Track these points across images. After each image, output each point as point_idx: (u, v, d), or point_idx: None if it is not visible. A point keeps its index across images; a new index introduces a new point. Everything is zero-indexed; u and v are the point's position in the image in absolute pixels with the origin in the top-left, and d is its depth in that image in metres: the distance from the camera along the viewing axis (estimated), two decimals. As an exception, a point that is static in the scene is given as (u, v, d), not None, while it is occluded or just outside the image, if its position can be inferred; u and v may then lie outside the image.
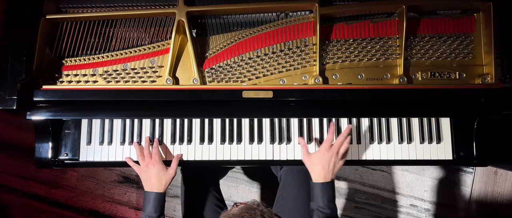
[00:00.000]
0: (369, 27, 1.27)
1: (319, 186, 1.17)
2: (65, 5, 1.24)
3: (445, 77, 1.27)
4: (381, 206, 2.02)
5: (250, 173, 2.02)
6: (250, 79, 1.25)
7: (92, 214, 2.01)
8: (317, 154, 1.20)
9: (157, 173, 1.19)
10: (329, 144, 1.20)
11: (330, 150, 1.18)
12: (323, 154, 1.18)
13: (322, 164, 1.17)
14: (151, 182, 1.19)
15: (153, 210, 1.18)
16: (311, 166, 1.20)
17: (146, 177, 1.21)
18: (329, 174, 1.17)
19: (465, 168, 2.02)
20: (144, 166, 1.21)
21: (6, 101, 1.11)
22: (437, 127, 1.32)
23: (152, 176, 1.19)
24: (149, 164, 1.20)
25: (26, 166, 2.02)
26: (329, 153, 1.18)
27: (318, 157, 1.19)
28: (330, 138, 1.21)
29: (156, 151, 1.22)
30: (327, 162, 1.17)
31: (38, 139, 1.25)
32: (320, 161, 1.18)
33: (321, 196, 1.16)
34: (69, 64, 1.24)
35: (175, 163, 1.23)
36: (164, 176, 1.20)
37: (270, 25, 1.26)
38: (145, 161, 1.22)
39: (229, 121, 1.30)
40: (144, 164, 1.21)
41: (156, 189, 1.19)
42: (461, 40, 1.27)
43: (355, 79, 1.26)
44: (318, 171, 1.18)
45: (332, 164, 1.18)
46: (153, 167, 1.20)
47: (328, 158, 1.17)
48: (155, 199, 1.18)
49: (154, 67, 1.25)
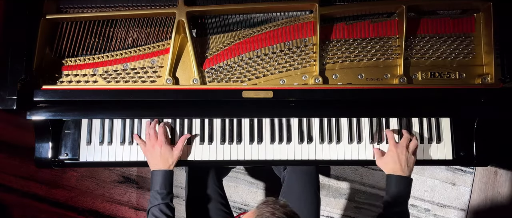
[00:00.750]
0: (369, 27, 1.27)
1: (393, 178, 1.20)
2: (65, 5, 1.24)
3: (445, 77, 1.27)
4: (381, 206, 2.01)
5: (250, 173, 2.02)
6: (250, 79, 1.25)
7: (92, 214, 2.00)
8: (387, 154, 1.24)
9: (163, 153, 1.21)
10: (393, 141, 1.24)
11: (398, 146, 1.22)
12: (393, 151, 1.22)
13: (393, 160, 1.21)
14: (156, 161, 1.21)
15: (163, 186, 1.19)
16: (385, 166, 1.24)
17: (151, 157, 1.23)
18: (404, 168, 1.20)
19: (465, 168, 2.02)
20: (150, 146, 1.22)
21: (6, 101, 1.11)
22: (437, 127, 1.32)
23: (157, 156, 1.21)
24: (155, 144, 1.22)
25: (26, 166, 2.02)
26: (398, 149, 1.21)
27: (389, 155, 1.23)
28: (391, 136, 1.25)
29: (162, 131, 1.23)
30: (398, 157, 1.20)
31: (38, 139, 1.25)
32: (392, 158, 1.21)
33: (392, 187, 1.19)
34: (69, 64, 1.24)
35: (180, 143, 1.24)
36: (170, 156, 1.21)
37: (270, 25, 1.26)
38: (151, 140, 1.23)
39: (229, 121, 1.30)
40: (150, 144, 1.23)
41: (161, 167, 1.20)
42: (461, 40, 1.27)
43: (355, 79, 1.26)
44: (392, 167, 1.21)
45: (404, 158, 1.20)
46: (159, 147, 1.21)
47: (399, 153, 1.20)
48: (164, 175, 1.19)
49: (154, 67, 1.25)
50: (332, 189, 2.02)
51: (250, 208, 2.01)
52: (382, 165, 1.25)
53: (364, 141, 1.31)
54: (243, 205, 2.01)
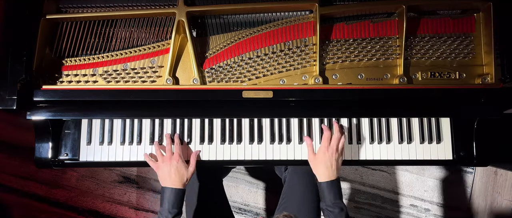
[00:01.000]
0: (369, 27, 1.27)
1: (325, 185, 1.19)
2: (65, 5, 1.24)
3: (445, 77, 1.27)
4: (381, 206, 2.02)
5: (250, 173, 2.02)
6: (250, 79, 1.25)
7: (92, 214, 2.01)
8: (319, 154, 1.22)
9: (179, 169, 1.19)
10: (327, 143, 1.22)
11: (330, 149, 1.21)
12: (324, 153, 1.21)
13: (325, 164, 1.20)
14: (171, 177, 1.19)
15: (175, 205, 1.17)
16: (316, 166, 1.22)
17: (165, 172, 1.20)
18: (334, 172, 1.20)
19: (465, 168, 2.02)
20: (167, 160, 1.20)
21: (6, 101, 1.11)
22: (437, 127, 1.32)
23: (172, 172, 1.19)
24: (172, 159, 1.20)
25: (26, 166, 2.02)
26: (329, 152, 1.20)
27: (320, 157, 1.21)
28: (327, 136, 1.23)
29: (178, 147, 1.23)
30: (329, 160, 1.20)
31: (38, 139, 1.25)
32: (323, 162, 1.20)
33: (327, 194, 1.18)
34: (69, 64, 1.24)
35: (193, 160, 1.24)
36: (185, 172, 1.20)
37: (270, 25, 1.26)
38: (167, 155, 1.22)
39: (229, 121, 1.30)
40: (164, 158, 1.21)
41: (176, 185, 1.18)
42: (461, 40, 1.27)
43: (355, 79, 1.26)
44: (322, 171, 1.20)
45: (334, 161, 1.20)
46: (176, 162, 1.19)
47: (330, 156, 1.20)
48: (177, 194, 1.17)
49: (154, 67, 1.25)
50: (332, 189, 2.02)
51: (250, 208, 2.01)
52: (313, 166, 1.23)
53: (364, 141, 1.31)
54: (243, 205, 2.01)
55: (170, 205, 1.16)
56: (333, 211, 1.17)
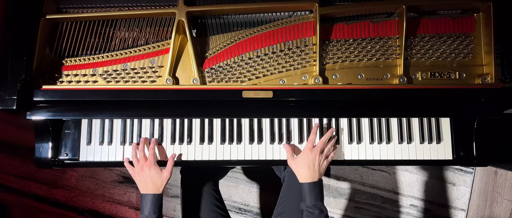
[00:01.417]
0: (369, 27, 1.27)
1: (306, 186, 1.18)
2: (65, 5, 1.24)
3: (445, 77, 1.27)
4: (381, 206, 2.02)
5: (250, 173, 2.02)
6: (250, 79, 1.25)
7: (92, 214, 2.01)
8: (301, 155, 1.22)
9: (152, 175, 1.18)
10: (311, 144, 1.22)
11: (313, 150, 1.21)
12: (307, 154, 1.20)
13: (307, 165, 1.19)
14: (146, 184, 1.19)
15: (152, 211, 1.17)
16: (297, 168, 1.22)
17: (140, 180, 1.20)
18: (315, 173, 1.19)
19: (465, 168, 2.02)
20: (139, 168, 1.20)
21: (6, 101, 1.11)
22: (437, 127, 1.32)
23: (146, 179, 1.19)
24: (144, 166, 1.19)
25: (26, 166, 2.02)
26: (313, 153, 1.20)
27: (302, 158, 1.21)
28: (312, 139, 1.23)
29: (152, 152, 1.21)
30: (312, 161, 1.19)
31: (38, 139, 1.25)
32: (304, 162, 1.20)
33: (309, 195, 1.18)
34: (69, 64, 1.24)
35: (170, 165, 1.23)
36: (159, 178, 1.19)
37: (270, 25, 1.26)
38: (140, 162, 1.21)
39: (229, 121, 1.30)
40: (138, 166, 1.20)
41: (152, 191, 1.18)
42: (461, 40, 1.27)
43: (355, 79, 1.26)
44: (304, 171, 1.20)
45: (317, 163, 1.19)
46: (148, 169, 1.19)
47: (312, 158, 1.19)
48: (152, 200, 1.17)
49: (154, 67, 1.25)
50: (332, 189, 2.02)
51: (250, 208, 2.01)
52: (295, 167, 1.22)
53: (364, 141, 1.31)
54: (243, 205, 2.01)
55: (148, 211, 1.17)
56: (313, 213, 1.16)
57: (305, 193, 1.19)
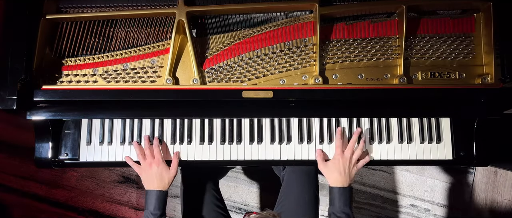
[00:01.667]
0: (369, 27, 1.27)
1: (336, 190, 1.20)
2: (65, 5, 1.24)
3: (445, 77, 1.27)
4: (381, 206, 2.02)
5: (250, 173, 2.02)
6: (250, 79, 1.25)
7: (92, 214, 2.01)
8: (332, 162, 1.24)
9: (160, 172, 1.20)
10: (341, 150, 1.24)
11: (343, 156, 1.22)
12: (338, 161, 1.22)
13: (338, 171, 1.21)
14: (153, 181, 1.20)
15: (157, 207, 1.18)
16: (329, 173, 1.23)
17: (147, 176, 1.21)
18: (346, 179, 1.20)
19: (465, 168, 2.02)
20: (147, 165, 1.21)
21: (6, 101, 1.11)
22: (437, 127, 1.32)
23: (154, 175, 1.20)
24: (152, 163, 1.21)
25: (26, 166, 2.02)
26: (343, 159, 1.22)
27: (334, 164, 1.23)
28: (339, 144, 1.24)
29: (158, 150, 1.23)
30: (343, 167, 1.21)
31: (38, 139, 1.25)
32: (336, 168, 1.21)
33: (338, 200, 1.19)
34: (69, 64, 1.24)
35: (175, 162, 1.24)
36: (167, 175, 1.21)
37: (270, 25, 1.26)
38: (147, 160, 1.22)
39: (229, 121, 1.30)
40: (146, 163, 1.22)
41: (158, 188, 1.20)
42: (461, 40, 1.27)
43: (355, 79, 1.26)
44: (335, 177, 1.21)
45: (347, 169, 1.21)
46: (156, 166, 1.20)
47: (343, 164, 1.21)
48: (158, 197, 1.19)
49: (154, 67, 1.25)
50: (332, 189, 2.02)
51: (250, 208, 2.01)
52: (326, 172, 1.24)
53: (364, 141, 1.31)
54: (243, 205, 2.01)
55: (153, 207, 1.18)
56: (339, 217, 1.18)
57: (335, 197, 1.20)
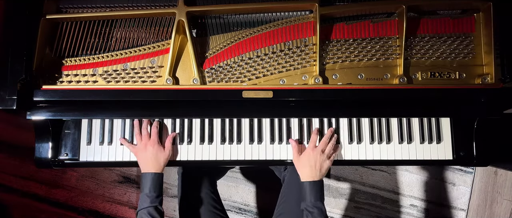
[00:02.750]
0: (369, 27, 1.27)
1: (307, 184, 1.20)
2: (65, 5, 1.24)
3: (445, 77, 1.27)
4: (381, 206, 2.02)
5: (250, 173, 2.02)
6: (250, 79, 1.25)
7: (92, 214, 2.01)
8: (303, 155, 1.24)
9: (155, 153, 1.21)
10: (313, 145, 1.25)
11: (315, 150, 1.23)
12: (309, 154, 1.23)
13: (309, 164, 1.22)
14: (148, 162, 1.21)
15: (152, 189, 1.19)
16: (300, 167, 1.24)
17: (143, 157, 1.22)
18: (317, 173, 1.21)
19: (465, 168, 2.02)
20: (142, 146, 1.22)
21: (6, 101, 1.11)
22: (437, 127, 1.32)
23: (148, 156, 1.21)
24: (148, 144, 1.22)
25: (26, 166, 2.02)
26: (314, 152, 1.22)
27: (305, 157, 1.23)
28: (314, 139, 1.27)
29: (156, 131, 1.24)
30: (313, 161, 1.21)
31: (38, 139, 1.25)
32: (307, 161, 1.22)
33: (309, 195, 1.20)
34: (69, 64, 1.24)
35: (169, 143, 1.25)
36: (162, 156, 1.22)
37: (270, 25, 1.26)
38: (143, 141, 1.23)
39: (229, 121, 1.30)
40: (142, 144, 1.23)
41: (153, 170, 1.20)
42: (461, 40, 1.27)
43: (355, 79, 1.26)
44: (306, 171, 1.22)
45: (318, 163, 1.22)
46: (151, 147, 1.21)
47: (314, 157, 1.22)
48: (153, 179, 1.19)
49: (154, 67, 1.25)
50: (332, 189, 2.02)
51: (250, 208, 2.01)
52: (297, 166, 1.25)
53: (364, 141, 1.31)
54: (243, 205, 2.01)
55: (148, 189, 1.19)
56: (312, 212, 1.18)
57: (306, 192, 1.20)
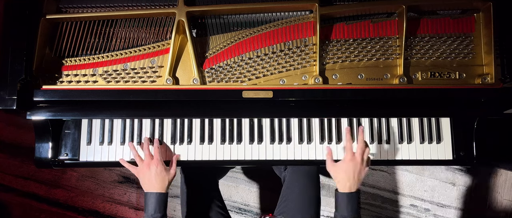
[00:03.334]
0: (369, 27, 1.27)
1: (345, 196, 1.15)
2: (65, 5, 1.24)
3: (445, 77, 1.27)
4: (381, 206, 2.02)
5: (250, 173, 2.02)
6: (250, 79, 1.25)
7: (92, 214, 2.01)
8: (342, 164, 1.18)
9: (159, 172, 1.17)
10: (351, 153, 1.18)
11: (354, 159, 1.17)
12: (348, 164, 1.16)
13: (347, 175, 1.15)
14: (152, 182, 1.17)
15: (157, 209, 1.15)
16: (337, 176, 1.19)
17: (146, 178, 1.18)
18: (355, 183, 1.16)
19: (465, 168, 2.02)
20: (145, 166, 1.19)
21: (6, 101, 1.11)
22: (437, 127, 1.32)
23: (152, 177, 1.17)
24: (151, 164, 1.18)
25: (26, 166, 2.02)
26: (354, 162, 1.16)
27: (343, 167, 1.17)
28: (349, 146, 1.19)
29: (158, 150, 1.21)
30: (352, 171, 1.15)
31: (38, 139, 1.25)
32: (346, 172, 1.16)
33: (346, 206, 1.14)
34: (69, 64, 1.24)
35: (174, 163, 1.23)
36: (167, 175, 1.18)
37: (270, 25, 1.26)
38: (146, 160, 1.20)
39: (229, 121, 1.30)
40: (143, 164, 1.19)
41: (158, 190, 1.16)
42: (461, 40, 1.27)
43: (355, 79, 1.26)
44: (344, 181, 1.16)
45: (357, 173, 1.16)
46: (155, 167, 1.17)
47: (353, 167, 1.15)
48: (158, 199, 1.15)
49: (154, 67, 1.25)
50: (332, 189, 2.02)
51: (250, 208, 2.01)
52: (334, 174, 1.20)
53: (364, 141, 1.31)
54: (243, 205, 2.01)
55: (153, 210, 1.14)
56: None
57: (342, 203, 1.15)
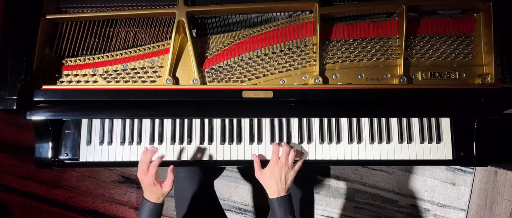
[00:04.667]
0: (369, 27, 1.27)
1: (275, 201, 1.15)
2: (65, 5, 1.24)
3: (445, 77, 1.27)
4: (381, 206, 2.02)
5: (250, 173, 2.02)
6: (250, 79, 1.25)
7: (92, 214, 2.01)
8: (267, 169, 1.19)
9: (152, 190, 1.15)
10: (276, 156, 1.20)
11: (278, 162, 1.18)
12: (273, 168, 1.18)
13: (275, 178, 1.16)
14: (147, 192, 1.16)
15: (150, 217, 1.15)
16: (266, 182, 1.19)
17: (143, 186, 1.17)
18: (283, 186, 1.16)
19: (465, 168, 2.02)
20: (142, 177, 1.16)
21: (6, 101, 1.11)
22: (437, 127, 1.32)
23: (147, 190, 1.16)
24: (144, 180, 1.16)
25: (26, 166, 2.02)
26: (278, 165, 1.17)
27: (269, 172, 1.18)
28: (275, 150, 1.21)
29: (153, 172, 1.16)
30: (278, 174, 1.16)
31: (38, 139, 1.25)
32: (272, 175, 1.17)
33: (278, 211, 1.15)
34: (69, 64, 1.24)
35: (170, 179, 1.18)
36: (159, 191, 1.16)
37: (270, 25, 1.26)
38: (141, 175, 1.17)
39: (229, 121, 1.30)
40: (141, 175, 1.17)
41: (153, 200, 1.16)
42: (461, 40, 1.27)
43: (355, 79, 1.26)
44: (272, 186, 1.17)
45: (283, 176, 1.16)
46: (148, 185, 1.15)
47: (279, 170, 1.17)
48: (151, 209, 1.15)
49: (154, 67, 1.25)
50: (332, 189, 2.02)
51: (250, 208, 2.01)
52: (262, 181, 1.20)
53: (364, 141, 1.31)
54: (243, 205, 2.01)
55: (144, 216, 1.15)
56: None
57: (275, 209, 1.16)
